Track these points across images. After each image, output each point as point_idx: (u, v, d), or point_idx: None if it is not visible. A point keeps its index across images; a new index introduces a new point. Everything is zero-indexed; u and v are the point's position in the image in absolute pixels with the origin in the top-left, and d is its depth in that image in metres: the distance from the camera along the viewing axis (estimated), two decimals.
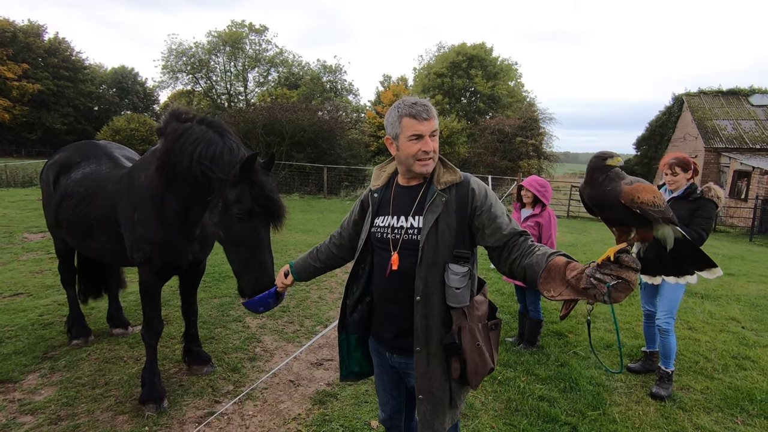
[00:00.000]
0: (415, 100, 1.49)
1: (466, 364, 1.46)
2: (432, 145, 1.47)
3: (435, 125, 1.48)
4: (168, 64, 35.81)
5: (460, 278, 1.44)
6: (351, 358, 1.78)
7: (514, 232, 1.45)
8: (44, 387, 2.88)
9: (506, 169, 21.35)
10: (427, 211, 1.48)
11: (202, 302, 4.50)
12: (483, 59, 31.60)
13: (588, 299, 1.22)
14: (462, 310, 1.46)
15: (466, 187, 1.51)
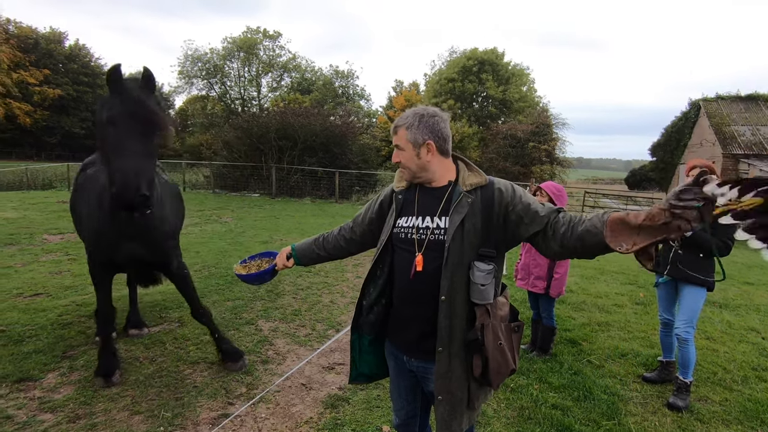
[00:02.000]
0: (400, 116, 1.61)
1: (488, 362, 1.46)
2: (394, 157, 1.60)
3: (395, 140, 1.58)
4: (184, 70, 36.45)
5: (485, 275, 1.45)
6: (362, 359, 1.78)
7: (552, 210, 1.47)
8: (63, 386, 2.94)
9: (518, 175, 21.22)
10: (453, 212, 1.49)
11: (216, 304, 4.55)
12: (494, 64, 31.56)
13: (671, 234, 1.17)
14: (485, 308, 1.47)
15: (492, 188, 1.52)
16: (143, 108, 2.29)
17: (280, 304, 4.69)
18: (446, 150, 1.57)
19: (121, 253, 2.80)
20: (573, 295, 5.55)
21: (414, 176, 1.58)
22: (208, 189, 17.70)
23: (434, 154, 1.54)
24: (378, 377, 1.85)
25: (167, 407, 2.74)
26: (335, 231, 1.92)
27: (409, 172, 1.58)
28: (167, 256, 2.99)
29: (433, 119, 1.53)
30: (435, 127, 1.52)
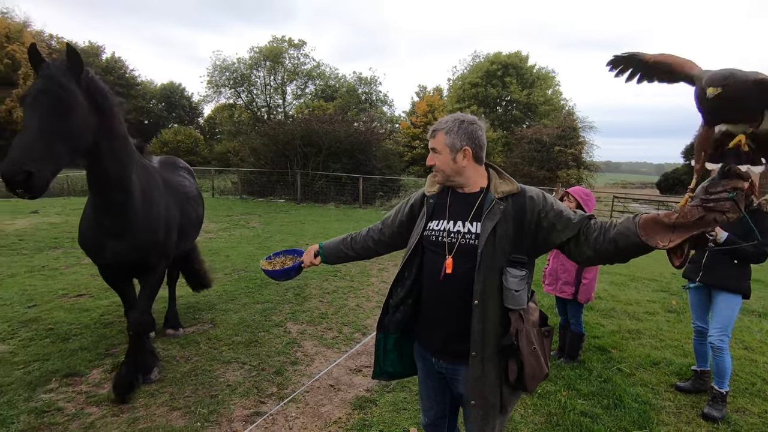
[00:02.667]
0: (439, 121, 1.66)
1: (524, 367, 1.49)
2: (429, 160, 1.65)
3: (432, 143, 1.62)
4: (212, 79, 37.53)
5: (519, 281, 1.49)
6: (386, 357, 1.83)
7: (584, 216, 1.52)
8: (107, 382, 3.10)
9: (544, 179, 20.87)
10: (486, 218, 1.54)
11: (246, 306, 4.70)
12: (519, 67, 31.23)
13: (706, 227, 1.21)
14: (519, 313, 1.51)
15: (523, 196, 1.57)
16: (51, 84, 2.13)
17: (308, 308, 4.80)
18: (481, 157, 1.63)
19: (103, 250, 2.76)
20: (602, 301, 5.44)
21: (447, 179, 1.64)
22: (235, 195, 18.16)
23: (469, 160, 1.59)
24: (400, 375, 1.91)
25: (203, 404, 2.87)
26: (363, 232, 1.99)
27: (442, 175, 1.63)
28: (148, 255, 2.88)
29: (472, 126, 1.58)
30: (473, 134, 1.58)
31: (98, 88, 2.41)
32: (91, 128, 2.31)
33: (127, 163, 2.64)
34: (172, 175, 3.66)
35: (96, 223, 2.74)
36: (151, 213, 2.84)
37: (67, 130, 2.15)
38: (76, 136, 2.21)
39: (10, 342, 3.64)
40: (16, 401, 2.79)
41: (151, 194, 2.87)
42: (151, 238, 2.85)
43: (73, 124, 2.18)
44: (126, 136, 2.67)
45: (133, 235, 2.75)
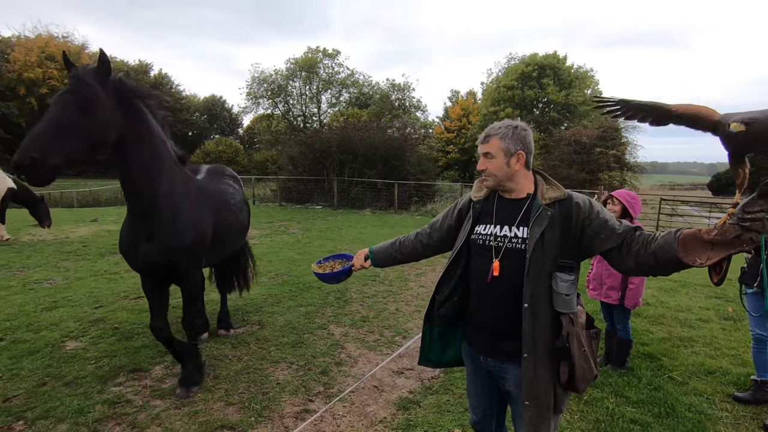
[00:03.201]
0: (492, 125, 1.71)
1: (575, 368, 1.53)
2: (480, 165, 1.69)
3: (486, 148, 1.66)
4: (251, 91, 39.00)
5: (569, 285, 1.54)
6: (431, 347, 1.92)
7: (629, 228, 1.54)
8: (168, 377, 3.34)
9: (584, 182, 20.20)
10: (534, 223, 1.59)
11: (291, 309, 4.89)
12: (556, 68, 30.50)
13: (744, 246, 1.23)
14: (569, 316, 1.55)
15: (570, 202, 1.61)
16: (75, 82, 2.26)
17: (349, 311, 4.93)
18: (530, 163, 1.69)
19: (137, 254, 2.86)
20: (650, 308, 5.24)
21: (499, 184, 1.69)
22: (275, 202, 18.76)
23: (522, 165, 1.65)
24: (442, 365, 1.99)
25: (256, 400, 3.03)
26: (412, 236, 2.07)
27: (494, 179, 1.68)
28: (177, 260, 2.92)
29: (525, 132, 1.65)
30: (526, 139, 1.65)
31: (128, 92, 2.48)
32: (112, 127, 2.38)
33: (153, 169, 2.69)
34: (215, 183, 3.78)
35: (130, 227, 2.86)
36: (178, 219, 2.86)
37: (83, 124, 2.22)
38: (93, 132, 2.28)
39: (81, 339, 3.98)
40: (90, 393, 3.06)
41: (180, 201, 2.89)
42: (178, 243, 2.87)
43: (91, 119, 2.25)
44: (155, 144, 2.72)
45: (160, 240, 2.81)
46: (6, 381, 3.20)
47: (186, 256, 2.96)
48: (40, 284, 5.72)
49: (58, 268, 6.64)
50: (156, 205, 2.75)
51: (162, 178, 2.76)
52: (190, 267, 3.07)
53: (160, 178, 2.75)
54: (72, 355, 3.66)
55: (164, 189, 2.77)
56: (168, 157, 2.86)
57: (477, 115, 35.10)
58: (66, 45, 39.19)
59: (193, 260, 3.07)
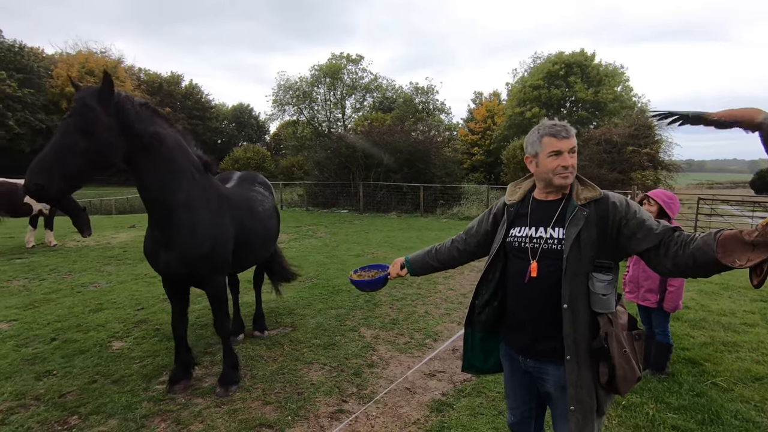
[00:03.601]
0: (554, 122, 1.67)
1: (615, 369, 1.52)
2: (570, 161, 1.61)
3: (573, 143, 1.61)
4: (277, 98, 39.87)
5: (606, 285, 1.53)
6: (473, 353, 1.93)
7: (667, 228, 1.52)
8: (207, 377, 3.47)
9: (616, 182, 19.58)
10: (570, 224, 1.59)
11: (322, 312, 4.98)
12: (583, 66, 29.79)
13: None
14: (607, 316, 1.54)
15: (606, 202, 1.60)
16: (77, 105, 2.33)
17: (379, 314, 4.98)
18: None
19: (157, 259, 2.96)
20: (690, 311, 5.05)
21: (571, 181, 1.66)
22: (302, 207, 19.09)
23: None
24: (486, 371, 1.98)
25: (291, 400, 3.11)
26: (447, 243, 2.09)
27: (572, 176, 1.64)
28: (196, 267, 2.96)
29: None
30: None
31: (132, 111, 2.51)
32: (116, 146, 2.45)
33: (168, 180, 2.75)
34: (242, 190, 3.80)
35: (151, 234, 2.96)
36: (196, 228, 2.90)
37: (85, 146, 2.30)
38: (96, 152, 2.36)
39: (126, 340, 4.19)
40: (137, 390, 3.22)
41: (198, 210, 2.93)
42: (196, 252, 2.90)
43: (92, 141, 2.32)
44: (170, 156, 2.76)
45: (179, 248, 2.86)
46: (60, 378, 3.40)
47: (205, 263, 2.99)
48: (86, 287, 6.04)
49: (102, 272, 6.99)
50: (173, 214, 2.81)
51: (178, 188, 2.81)
52: (212, 274, 3.10)
53: (177, 188, 2.80)
54: (118, 354, 3.85)
55: (181, 198, 2.82)
56: (186, 167, 2.89)
57: (502, 116, 34.65)
58: (104, 60, 41.21)
59: (215, 267, 3.09)
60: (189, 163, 2.93)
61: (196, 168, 3.00)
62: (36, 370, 3.51)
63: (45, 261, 7.72)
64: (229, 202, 3.28)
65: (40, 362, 3.67)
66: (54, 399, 3.08)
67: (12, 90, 35.52)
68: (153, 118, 2.69)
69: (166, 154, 2.74)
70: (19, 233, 10.34)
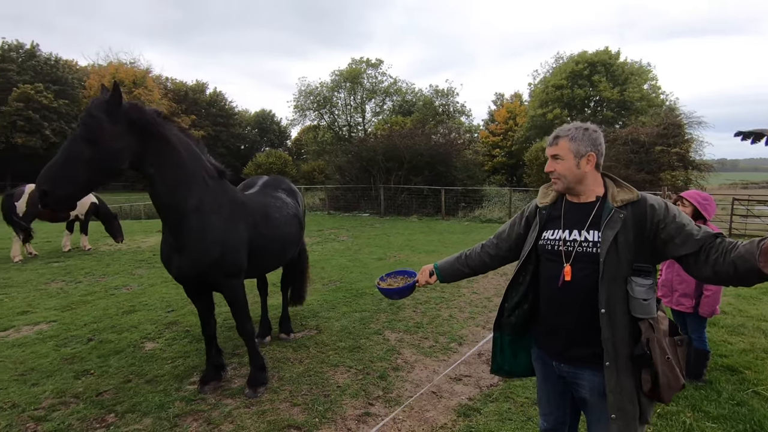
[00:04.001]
0: (569, 125, 1.67)
1: (658, 376, 1.48)
2: (548, 167, 1.69)
3: (555, 150, 1.66)
4: (298, 104, 40.46)
5: (646, 290, 1.49)
6: (502, 356, 1.90)
7: (708, 234, 1.47)
8: (236, 378, 3.54)
9: (644, 183, 19.01)
10: (606, 227, 1.56)
11: (346, 315, 5.01)
12: (608, 64, 29.15)
13: None
14: (648, 321, 1.50)
15: (644, 204, 1.57)
16: (84, 115, 2.45)
17: (402, 317, 4.97)
18: (600, 165, 1.67)
19: (171, 263, 3.02)
20: (727, 317, 4.85)
21: (567, 186, 1.68)
22: (323, 210, 19.26)
23: (592, 167, 1.64)
24: (515, 375, 1.96)
25: (318, 402, 3.14)
26: (477, 248, 2.05)
27: (563, 182, 1.66)
28: (208, 272, 3.00)
29: (596, 134, 1.64)
30: (597, 141, 1.63)
31: (140, 120, 2.56)
32: (122, 153, 2.52)
33: (177, 186, 2.80)
34: (261, 196, 3.80)
35: (165, 239, 3.05)
36: (207, 233, 2.93)
37: (90, 155, 2.39)
38: (101, 160, 2.44)
39: (158, 341, 4.32)
40: (169, 390, 3.31)
41: (209, 215, 2.96)
42: (206, 257, 2.94)
43: (97, 149, 2.40)
44: (179, 162, 2.80)
45: (190, 253, 2.92)
46: (97, 377, 3.53)
47: (216, 268, 3.01)
48: (119, 290, 6.26)
49: (133, 275, 7.23)
50: (184, 219, 2.86)
51: (189, 194, 2.85)
52: (225, 278, 3.12)
53: (187, 194, 2.85)
54: (151, 354, 3.97)
55: (192, 204, 2.87)
56: (198, 173, 2.94)
57: (523, 117, 34.20)
58: (133, 70, 42.70)
59: (228, 272, 3.11)
60: (201, 170, 2.98)
61: (209, 174, 3.05)
62: (75, 369, 3.66)
63: (80, 264, 8.04)
64: (243, 207, 3.29)
65: (78, 362, 3.82)
66: (92, 397, 3.20)
67: (48, 101, 37.19)
68: (164, 126, 2.74)
69: (176, 160, 2.79)
70: (56, 237, 10.80)
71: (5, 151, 37.15)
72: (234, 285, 3.21)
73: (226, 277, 3.12)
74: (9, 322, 4.86)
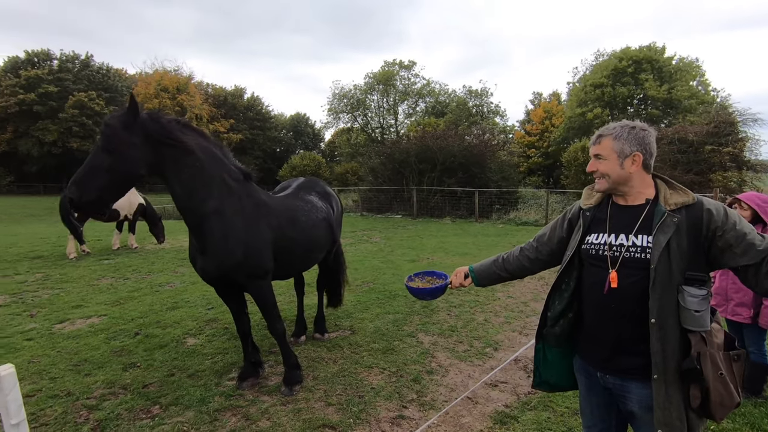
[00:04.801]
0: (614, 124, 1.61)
1: (709, 393, 1.39)
2: (590, 166, 1.64)
3: (598, 149, 1.61)
4: (332, 107, 41.06)
5: (700, 301, 1.40)
6: (546, 368, 1.82)
7: None
8: (273, 375, 3.62)
9: (692, 185, 17.96)
10: (657, 231, 1.48)
11: (379, 316, 5.02)
12: (654, 61, 27.78)
13: None
14: (700, 335, 1.41)
15: (700, 208, 1.47)
16: (103, 127, 2.64)
17: (436, 320, 4.92)
18: (649, 165, 1.58)
19: (197, 267, 3.13)
20: None
21: (611, 187, 1.60)
22: (356, 212, 19.42)
23: (638, 167, 1.55)
24: (560, 389, 1.87)
25: (353, 403, 3.15)
26: (516, 251, 1.97)
27: (606, 181, 1.59)
28: (231, 273, 3.05)
29: (644, 132, 1.55)
30: (644, 140, 1.55)
31: (156, 131, 2.68)
32: (139, 161, 2.67)
33: (197, 190, 2.88)
34: (291, 199, 3.79)
35: (190, 240, 3.15)
36: (228, 235, 2.98)
37: (109, 164, 2.58)
38: (120, 168, 2.61)
39: (199, 337, 4.48)
40: (209, 385, 3.42)
41: (232, 217, 3.00)
42: (228, 259, 2.99)
43: (115, 158, 2.58)
44: (199, 167, 2.87)
45: (212, 255, 3.00)
46: (144, 369, 3.71)
47: (240, 269, 3.06)
48: (163, 287, 6.54)
49: (176, 273, 7.54)
50: (205, 221, 2.94)
51: (209, 197, 2.92)
52: (250, 279, 3.14)
53: (207, 197, 2.91)
54: (192, 350, 4.13)
55: (213, 206, 2.93)
56: (218, 176, 2.99)
57: (561, 117, 33.17)
58: (176, 77, 44.73)
59: (251, 273, 3.13)
60: (223, 173, 3.03)
61: (232, 177, 3.10)
62: (123, 362, 3.85)
63: (128, 262, 8.48)
64: (267, 209, 3.31)
65: (126, 354, 4.02)
66: (138, 389, 3.36)
67: (100, 108, 39.56)
68: (182, 133, 2.82)
69: (194, 164, 2.86)
70: (107, 236, 11.44)
71: (62, 155, 39.87)
72: (260, 286, 3.24)
73: (250, 278, 3.15)
74: (65, 315, 5.18)
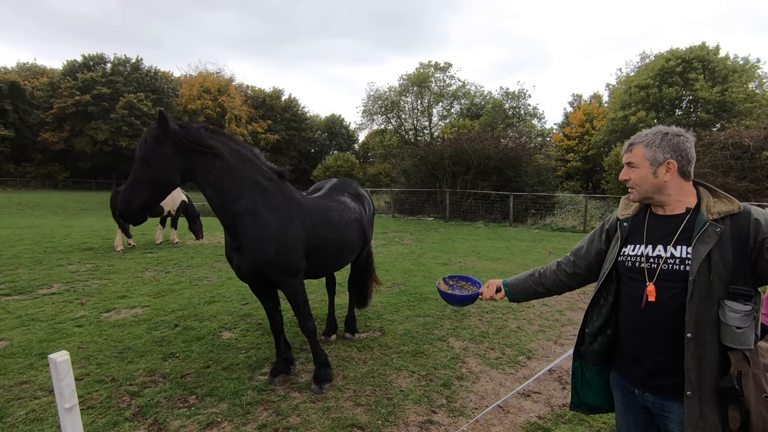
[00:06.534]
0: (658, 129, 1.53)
1: (750, 416, 1.29)
2: (622, 175, 1.57)
3: (629, 157, 1.54)
4: (366, 108, 41.36)
5: (742, 317, 1.31)
6: (584, 388, 1.74)
7: None
8: (303, 373, 3.67)
9: (747, 193, 16.85)
10: (698, 241, 1.39)
11: (409, 319, 5.00)
12: (706, 61, 26.29)
13: None
14: (743, 353, 1.32)
15: (747, 218, 1.37)
16: (139, 142, 2.86)
17: (467, 325, 4.85)
18: (688, 173, 1.49)
19: (233, 264, 3.24)
20: None
21: (644, 197, 1.53)
22: (388, 213, 19.47)
23: (673, 175, 1.47)
24: (601, 410, 1.78)
25: (382, 404, 3.15)
26: (553, 266, 1.89)
27: (639, 191, 1.53)
28: (264, 270, 3.14)
29: (678, 138, 1.47)
30: (679, 146, 1.46)
31: (184, 140, 2.84)
32: (173, 171, 2.86)
33: (228, 191, 2.99)
34: (325, 199, 3.86)
35: (226, 238, 3.28)
36: (261, 234, 3.07)
37: (149, 177, 2.81)
38: (157, 179, 2.83)
39: (233, 331, 4.61)
40: (243, 378, 3.52)
41: (265, 217, 3.09)
42: (261, 256, 3.08)
43: (152, 171, 2.80)
44: (229, 169, 2.99)
45: (246, 252, 3.11)
46: (182, 360, 3.86)
47: (272, 267, 3.14)
48: (201, 281, 6.80)
49: (213, 268, 7.82)
50: (237, 221, 3.05)
51: (241, 197, 3.04)
52: (283, 277, 3.21)
53: (239, 197, 3.03)
54: (227, 344, 4.26)
55: (245, 206, 3.04)
56: (250, 177, 3.10)
57: (602, 119, 31.96)
58: (218, 79, 46.47)
59: (284, 270, 3.20)
60: (255, 173, 3.15)
61: (266, 177, 3.20)
62: (163, 352, 4.02)
63: (169, 256, 8.86)
64: (300, 208, 3.37)
65: (166, 345, 4.20)
66: (177, 378, 3.50)
67: (147, 108, 41.70)
68: (210, 139, 2.95)
69: (223, 167, 2.98)
70: (150, 231, 12.02)
71: (112, 153, 42.29)
72: (293, 284, 3.30)
73: (283, 276, 3.22)
74: (111, 304, 5.48)
